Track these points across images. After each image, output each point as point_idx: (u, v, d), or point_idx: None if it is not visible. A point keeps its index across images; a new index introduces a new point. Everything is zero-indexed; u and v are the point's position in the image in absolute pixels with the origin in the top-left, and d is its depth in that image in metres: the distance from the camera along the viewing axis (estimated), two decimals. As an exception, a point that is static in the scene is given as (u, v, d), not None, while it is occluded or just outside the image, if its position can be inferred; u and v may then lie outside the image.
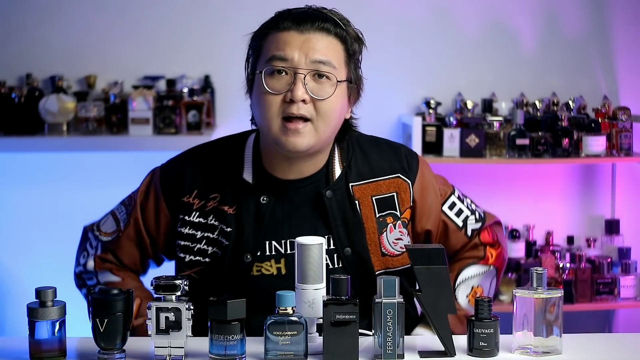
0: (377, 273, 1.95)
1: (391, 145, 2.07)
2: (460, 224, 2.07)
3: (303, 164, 1.95)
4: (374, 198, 1.98)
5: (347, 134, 2.00)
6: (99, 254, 2.06)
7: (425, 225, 2.03)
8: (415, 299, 1.79)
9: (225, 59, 3.61)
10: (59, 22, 3.61)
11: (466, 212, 2.08)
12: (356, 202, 1.97)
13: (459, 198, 2.09)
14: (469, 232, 2.08)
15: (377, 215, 1.98)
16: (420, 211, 2.02)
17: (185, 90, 3.50)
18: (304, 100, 1.85)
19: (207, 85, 3.61)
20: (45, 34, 3.61)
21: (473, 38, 3.75)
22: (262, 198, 1.95)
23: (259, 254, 1.94)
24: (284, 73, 1.87)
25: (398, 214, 1.99)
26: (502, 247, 2.12)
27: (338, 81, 1.88)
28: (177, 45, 3.64)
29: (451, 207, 2.06)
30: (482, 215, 2.12)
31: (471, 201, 2.13)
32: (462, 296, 2.04)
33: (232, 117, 3.60)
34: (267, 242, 1.95)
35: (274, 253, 1.95)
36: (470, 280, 2.05)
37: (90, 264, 2.05)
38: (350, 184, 1.97)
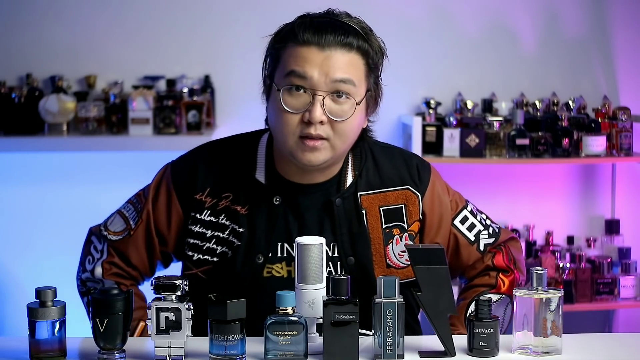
0: None
1: (404, 155, 2.05)
2: (472, 238, 2.04)
3: (316, 173, 1.94)
4: (381, 209, 1.97)
5: (361, 141, 1.98)
6: (105, 258, 2.02)
7: (435, 239, 2.01)
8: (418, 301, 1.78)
9: (225, 59, 3.61)
10: (59, 22, 3.61)
11: (479, 226, 2.05)
12: (363, 211, 1.96)
13: (471, 212, 2.06)
14: (482, 247, 2.05)
15: (384, 227, 1.96)
16: (429, 224, 2.00)
17: (185, 90, 3.50)
18: (321, 122, 1.84)
19: (207, 85, 3.61)
20: (45, 34, 3.61)
21: (473, 38, 3.75)
22: (274, 199, 1.94)
23: (270, 255, 1.93)
24: (302, 90, 1.84)
25: (405, 226, 1.98)
26: (517, 270, 2.06)
27: (357, 103, 1.86)
28: (177, 45, 3.64)
29: (463, 221, 2.04)
30: (497, 230, 2.08)
31: (486, 217, 2.10)
32: None
33: (232, 117, 3.60)
34: (279, 244, 1.94)
35: (285, 255, 1.94)
36: None
37: (98, 270, 2.01)
38: (359, 193, 1.96)
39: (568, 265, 3.58)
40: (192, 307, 1.69)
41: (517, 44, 3.77)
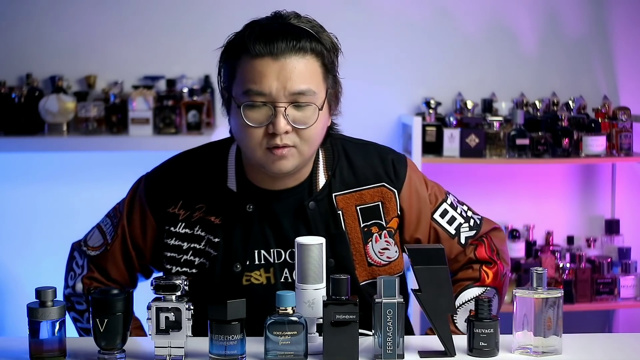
0: (362, 284, 1.94)
1: (379, 151, 2.02)
2: (453, 232, 2.02)
3: (286, 178, 1.92)
4: (358, 208, 1.95)
5: (328, 137, 1.95)
6: (85, 273, 2.01)
7: (415, 234, 1.99)
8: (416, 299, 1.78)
9: (225, 59, 3.60)
10: (59, 22, 3.61)
11: (459, 219, 2.03)
12: (339, 212, 1.94)
13: (451, 205, 2.03)
14: (463, 240, 2.02)
15: (362, 225, 1.95)
16: (408, 220, 1.98)
17: (185, 90, 3.50)
18: (286, 132, 1.82)
19: (207, 85, 3.61)
20: (45, 34, 3.61)
21: (473, 38, 3.75)
22: (247, 206, 1.92)
23: (248, 263, 1.92)
24: (263, 105, 1.82)
25: (383, 223, 1.96)
26: (501, 261, 2.04)
27: (320, 109, 1.84)
28: (177, 45, 3.64)
29: (443, 214, 2.01)
30: (478, 222, 2.05)
31: (468, 208, 2.07)
32: (461, 321, 1.97)
33: (232, 117, 3.59)
34: (256, 251, 1.93)
35: (263, 262, 1.93)
36: (469, 304, 1.98)
37: (79, 286, 2.01)
38: (334, 194, 1.94)
39: (568, 265, 3.58)
40: (192, 307, 1.68)
41: (517, 44, 3.77)
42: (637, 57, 3.82)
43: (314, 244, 1.75)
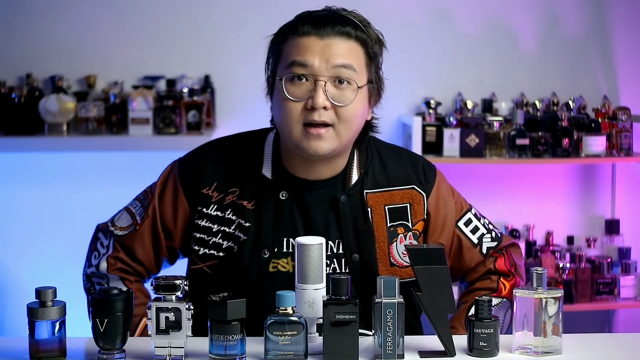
0: None
1: (410, 156, 2.08)
2: (476, 241, 2.05)
3: (322, 167, 1.95)
4: (386, 207, 1.98)
5: (366, 135, 2.00)
6: (110, 253, 2.03)
7: (439, 239, 2.02)
8: (416, 299, 1.78)
9: (225, 59, 3.61)
10: (59, 22, 3.61)
11: (482, 229, 2.07)
12: (369, 209, 1.97)
13: (475, 216, 2.08)
14: (484, 250, 2.06)
15: (389, 225, 1.98)
16: (433, 224, 2.01)
17: (185, 90, 3.50)
18: (324, 107, 1.86)
19: (207, 85, 3.61)
20: (45, 34, 3.61)
21: (473, 38, 3.75)
22: (281, 194, 1.95)
23: (276, 250, 1.95)
24: (304, 79, 1.87)
25: (410, 225, 1.99)
26: (518, 275, 2.08)
27: (359, 87, 1.89)
28: (177, 45, 3.64)
29: (467, 223, 2.05)
30: (499, 235, 2.10)
31: (489, 222, 2.11)
32: None
33: (232, 117, 3.60)
34: (285, 239, 1.95)
35: (290, 250, 1.95)
36: None
37: (103, 265, 2.02)
38: (365, 191, 1.98)
39: (568, 265, 3.58)
40: (192, 307, 1.69)
41: (517, 44, 3.77)
42: (637, 57, 3.82)
43: (314, 244, 1.75)
